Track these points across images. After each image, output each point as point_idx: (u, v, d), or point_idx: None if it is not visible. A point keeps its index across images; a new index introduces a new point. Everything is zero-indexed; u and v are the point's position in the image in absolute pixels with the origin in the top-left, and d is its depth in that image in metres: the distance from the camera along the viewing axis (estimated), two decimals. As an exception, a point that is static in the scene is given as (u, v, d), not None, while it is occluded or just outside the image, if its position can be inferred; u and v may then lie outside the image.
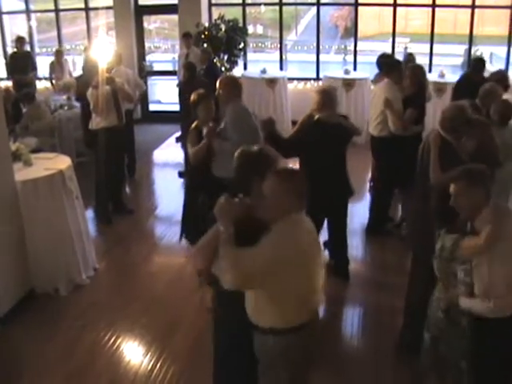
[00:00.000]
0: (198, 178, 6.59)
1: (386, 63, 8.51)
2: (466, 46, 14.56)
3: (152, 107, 15.20)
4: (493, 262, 3.91)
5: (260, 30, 22.06)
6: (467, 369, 4.24)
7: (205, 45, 12.56)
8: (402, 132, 7.63)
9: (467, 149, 4.96)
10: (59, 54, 12.87)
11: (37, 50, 16.17)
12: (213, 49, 12.36)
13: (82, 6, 14.79)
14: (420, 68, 8.02)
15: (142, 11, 14.49)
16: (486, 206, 3.99)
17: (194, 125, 6.60)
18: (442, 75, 12.80)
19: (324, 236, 7.01)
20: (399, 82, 7.82)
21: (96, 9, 14.65)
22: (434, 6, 13.59)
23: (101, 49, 8.13)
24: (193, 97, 6.81)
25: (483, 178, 4.04)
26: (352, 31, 14.98)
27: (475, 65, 9.55)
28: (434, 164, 5.25)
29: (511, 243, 3.93)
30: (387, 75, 8.10)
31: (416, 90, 7.74)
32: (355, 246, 7.79)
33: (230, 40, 13.02)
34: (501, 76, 8.43)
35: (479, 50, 16.35)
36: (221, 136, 6.38)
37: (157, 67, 16.84)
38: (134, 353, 5.77)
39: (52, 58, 12.95)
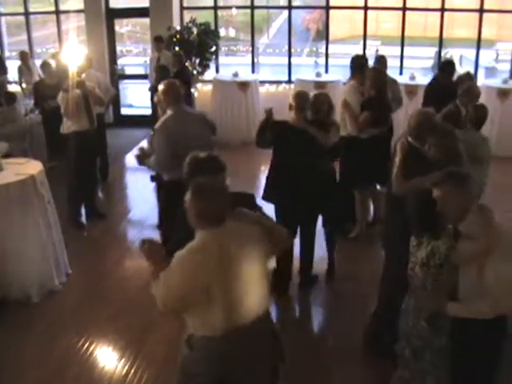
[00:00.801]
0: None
1: (352, 65, 8.60)
2: (436, 49, 14.72)
3: (124, 111, 15.10)
4: (483, 266, 3.90)
5: (232, 33, 22.07)
6: (451, 372, 4.25)
7: (176, 48, 12.53)
8: (357, 134, 7.71)
9: (432, 155, 5.02)
10: (24, 56, 12.72)
11: (6, 53, 16.02)
12: (184, 52, 12.33)
13: (53, 9, 14.70)
14: (380, 71, 7.94)
15: (114, 14, 14.39)
16: (471, 210, 3.99)
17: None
18: (412, 77, 12.90)
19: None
20: (363, 84, 7.90)
21: (67, 12, 14.55)
22: (404, 9, 13.69)
23: (71, 52, 8.07)
24: (157, 99, 6.88)
25: (467, 179, 4.06)
26: (323, 34, 15.08)
27: (445, 68, 9.63)
28: (398, 171, 5.31)
29: (504, 248, 3.93)
30: (352, 77, 8.27)
31: (375, 92, 7.73)
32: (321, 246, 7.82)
33: (201, 43, 13.01)
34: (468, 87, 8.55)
35: (449, 53, 16.55)
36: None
37: (128, 71, 16.78)
38: (108, 358, 5.73)
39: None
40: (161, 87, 6.51)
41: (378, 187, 8.18)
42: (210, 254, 3.59)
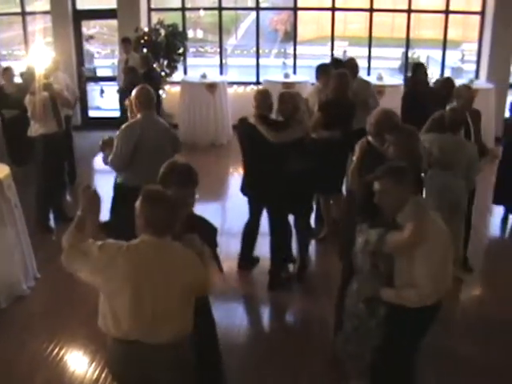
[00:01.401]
0: None
1: (317, 69, 8.67)
2: (403, 49, 14.85)
3: (92, 113, 15.00)
4: (413, 257, 4.13)
5: (200, 34, 22.03)
6: (383, 354, 4.48)
7: (144, 50, 12.48)
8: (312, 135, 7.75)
9: (391, 154, 5.09)
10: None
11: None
12: (152, 54, 12.29)
13: (19, 10, 14.53)
14: (343, 75, 7.88)
15: (80, 16, 14.25)
16: (408, 202, 4.19)
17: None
18: (380, 78, 13.03)
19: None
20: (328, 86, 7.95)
21: (33, 13, 14.38)
22: (371, 10, 13.81)
23: (38, 55, 8.00)
24: (127, 102, 6.88)
25: (406, 175, 4.24)
26: (291, 35, 15.13)
27: (416, 70, 9.73)
28: (353, 168, 5.48)
29: (433, 239, 4.12)
30: (317, 79, 8.44)
31: (335, 95, 7.75)
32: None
33: (169, 45, 12.99)
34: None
35: (416, 53, 16.70)
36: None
37: (96, 73, 16.65)
38: (78, 363, 5.69)
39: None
40: (134, 91, 6.50)
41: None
42: (138, 258, 3.61)
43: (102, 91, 15.16)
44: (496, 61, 13.33)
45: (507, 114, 8.64)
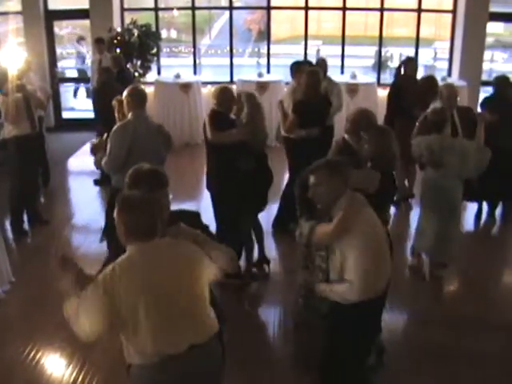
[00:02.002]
0: None
1: (291, 68, 8.69)
2: (376, 48, 14.93)
3: (65, 115, 14.89)
4: (344, 251, 4.18)
5: (174, 34, 21.92)
6: (326, 350, 4.52)
7: (118, 50, 12.42)
8: (288, 134, 7.83)
9: (365, 152, 5.18)
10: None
11: None
12: (126, 54, 12.24)
13: (-11, 10, 14.40)
14: (312, 74, 7.88)
15: (53, 16, 14.13)
16: (343, 195, 4.24)
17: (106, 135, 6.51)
18: (353, 76, 13.09)
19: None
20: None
21: (5, 14, 14.22)
22: (344, 9, 13.86)
23: (10, 55, 7.94)
24: (115, 102, 6.84)
25: (341, 168, 4.32)
26: (265, 35, 15.12)
27: (407, 65, 9.82)
28: None
29: (362, 233, 4.18)
30: (293, 78, 8.48)
31: (307, 94, 7.78)
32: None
33: (142, 45, 12.93)
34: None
35: (389, 52, 16.80)
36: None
37: (69, 74, 16.53)
38: (55, 366, 5.66)
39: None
40: (126, 90, 6.46)
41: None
42: (137, 271, 3.44)
43: (75, 92, 15.07)
44: (468, 59, 13.47)
45: (479, 111, 8.69)
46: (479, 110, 8.80)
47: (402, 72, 9.82)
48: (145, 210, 3.51)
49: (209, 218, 8.81)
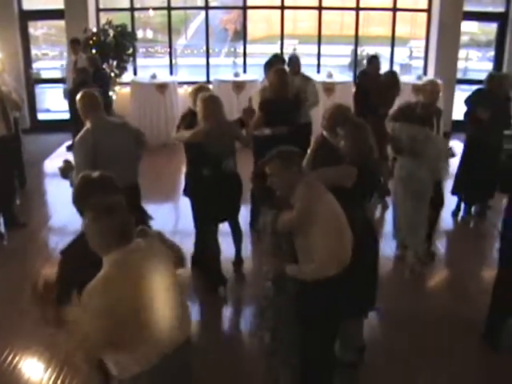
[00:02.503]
0: None
1: (264, 66, 8.71)
2: (352, 47, 14.99)
3: (41, 116, 14.78)
4: (308, 234, 4.35)
5: (150, 34, 21.87)
6: (294, 331, 4.67)
7: (93, 51, 12.35)
8: (254, 132, 7.73)
9: (342, 147, 5.24)
10: None
11: None
12: (101, 55, 12.18)
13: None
14: (280, 72, 7.84)
15: (27, 16, 13.98)
16: (299, 183, 4.40)
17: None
18: (330, 75, 13.14)
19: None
20: None
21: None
22: (320, 8, 13.91)
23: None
24: None
25: (294, 157, 4.50)
26: (241, 34, 15.13)
27: (371, 62, 9.91)
28: (307, 160, 5.60)
29: (323, 216, 4.35)
30: (266, 77, 8.50)
31: (273, 92, 7.77)
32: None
33: (118, 45, 12.87)
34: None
35: (365, 51, 16.86)
36: None
37: (45, 75, 16.41)
38: (33, 370, 5.61)
39: None
40: (77, 97, 6.33)
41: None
42: (125, 277, 3.36)
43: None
44: (443, 57, 13.59)
45: (465, 109, 8.77)
46: (465, 108, 8.85)
47: (366, 70, 9.90)
48: (124, 211, 3.43)
49: (184, 217, 8.89)
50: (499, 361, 5.75)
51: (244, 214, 7.63)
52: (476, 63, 19.25)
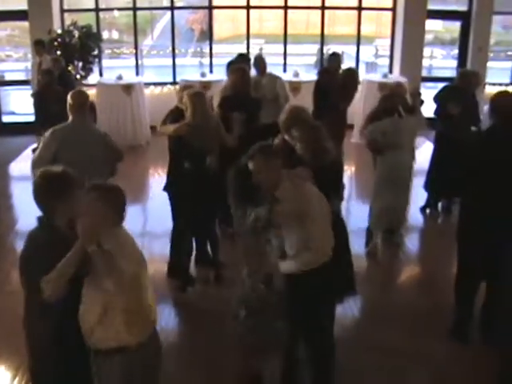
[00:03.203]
0: None
1: (227, 66, 8.73)
2: (318, 46, 15.05)
3: (5, 119, 14.60)
4: (303, 222, 4.44)
5: (115, 35, 21.71)
6: (287, 329, 4.67)
7: (58, 52, 12.24)
8: None
9: (298, 149, 5.27)
10: None
11: None
12: (66, 56, 12.08)
13: None
14: (240, 70, 7.91)
15: (-11, 18, 13.85)
16: (283, 176, 4.50)
17: None
18: (296, 74, 13.20)
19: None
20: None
21: None
22: (285, 7, 13.95)
23: None
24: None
25: (276, 151, 4.59)
26: (208, 34, 15.11)
27: (330, 60, 9.98)
28: None
29: (313, 202, 4.52)
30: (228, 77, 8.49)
31: (233, 91, 7.82)
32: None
33: (83, 47, 12.77)
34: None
35: (331, 49, 16.94)
36: None
37: (9, 77, 16.23)
38: (1, 378, 5.55)
39: None
40: (69, 94, 6.32)
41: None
42: (135, 246, 3.85)
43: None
44: (408, 55, 13.73)
45: (434, 106, 8.90)
46: (434, 105, 8.97)
47: (327, 67, 9.98)
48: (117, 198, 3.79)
49: (152, 219, 8.88)
50: (467, 355, 5.81)
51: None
52: (440, 61, 19.42)
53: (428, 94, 9.48)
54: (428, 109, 8.86)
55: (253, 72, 9.11)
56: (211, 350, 5.92)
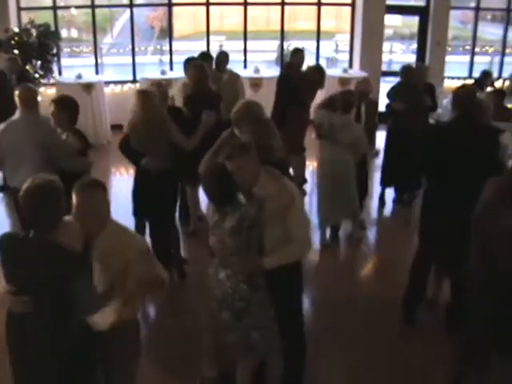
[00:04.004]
0: None
1: (184, 65, 8.73)
2: (278, 42, 15.08)
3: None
4: (288, 214, 4.47)
5: (74, 33, 21.51)
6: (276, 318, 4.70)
7: (16, 51, 12.07)
8: None
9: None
10: None
11: None
12: (24, 55, 11.92)
13: None
14: (200, 67, 7.93)
15: None
16: (260, 171, 4.50)
17: None
18: (256, 71, 13.23)
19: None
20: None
21: None
22: (245, 4, 13.94)
23: None
24: None
25: (250, 147, 4.52)
26: (168, 32, 15.04)
27: (293, 55, 10.03)
28: (210, 152, 5.59)
29: (295, 194, 4.58)
30: (186, 74, 8.56)
31: (195, 88, 7.81)
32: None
33: (42, 45, 12.60)
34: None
35: (292, 45, 16.99)
36: None
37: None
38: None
39: None
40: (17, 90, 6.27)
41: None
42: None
43: None
44: (368, 50, 13.83)
45: (387, 101, 9.02)
46: (386, 99, 9.08)
47: (291, 62, 10.02)
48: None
49: (114, 218, 8.79)
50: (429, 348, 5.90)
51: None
52: (400, 56, 19.61)
53: (387, 88, 9.57)
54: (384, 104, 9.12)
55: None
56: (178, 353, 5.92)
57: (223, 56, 9.55)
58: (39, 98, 6.50)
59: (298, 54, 10.08)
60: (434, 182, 6.00)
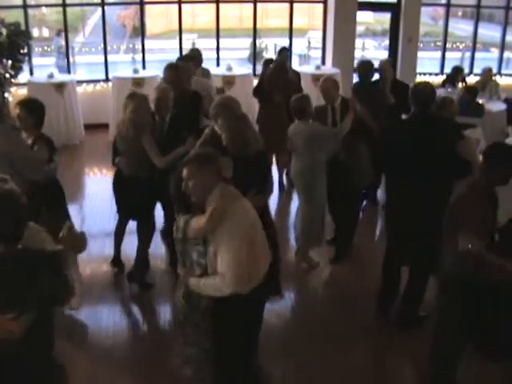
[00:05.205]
0: None
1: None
2: (251, 39, 15.09)
3: None
4: (218, 243, 4.12)
5: (46, 32, 21.35)
6: (210, 349, 4.46)
7: (-14, 51, 11.95)
8: None
9: (223, 140, 5.35)
10: None
11: None
12: (-6, 55, 11.80)
13: None
14: (175, 68, 7.86)
15: None
16: (215, 187, 4.18)
17: None
18: (229, 68, 13.22)
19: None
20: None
21: None
22: (217, 1, 13.90)
23: None
24: None
25: (211, 160, 4.25)
26: (140, 30, 14.98)
27: (281, 54, 10.07)
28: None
29: (235, 224, 4.13)
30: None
31: (179, 91, 7.76)
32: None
33: (12, 45, 12.46)
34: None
35: (264, 43, 17.04)
36: None
37: None
38: None
39: None
40: None
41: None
42: None
43: None
44: (340, 47, 13.88)
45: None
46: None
47: (275, 62, 10.01)
48: None
49: (89, 218, 8.75)
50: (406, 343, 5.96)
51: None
52: (372, 52, 19.73)
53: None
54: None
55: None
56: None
57: (197, 54, 9.54)
58: (10, 99, 6.41)
59: (283, 52, 10.14)
60: (394, 182, 6.02)
